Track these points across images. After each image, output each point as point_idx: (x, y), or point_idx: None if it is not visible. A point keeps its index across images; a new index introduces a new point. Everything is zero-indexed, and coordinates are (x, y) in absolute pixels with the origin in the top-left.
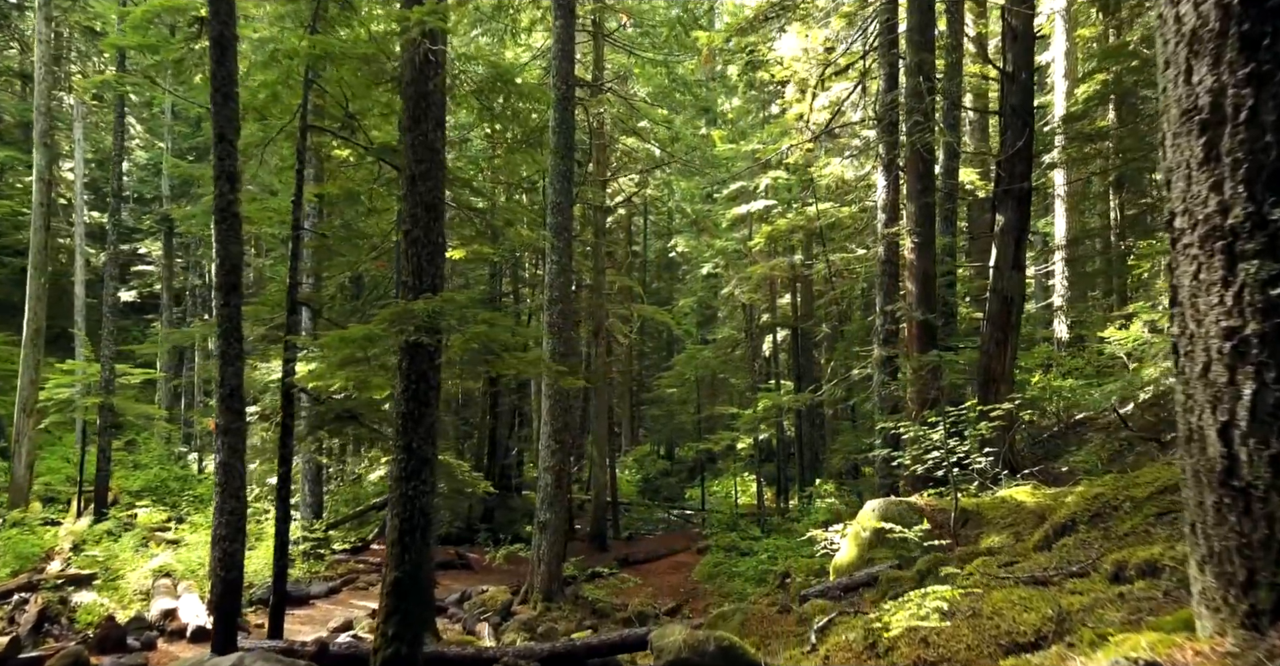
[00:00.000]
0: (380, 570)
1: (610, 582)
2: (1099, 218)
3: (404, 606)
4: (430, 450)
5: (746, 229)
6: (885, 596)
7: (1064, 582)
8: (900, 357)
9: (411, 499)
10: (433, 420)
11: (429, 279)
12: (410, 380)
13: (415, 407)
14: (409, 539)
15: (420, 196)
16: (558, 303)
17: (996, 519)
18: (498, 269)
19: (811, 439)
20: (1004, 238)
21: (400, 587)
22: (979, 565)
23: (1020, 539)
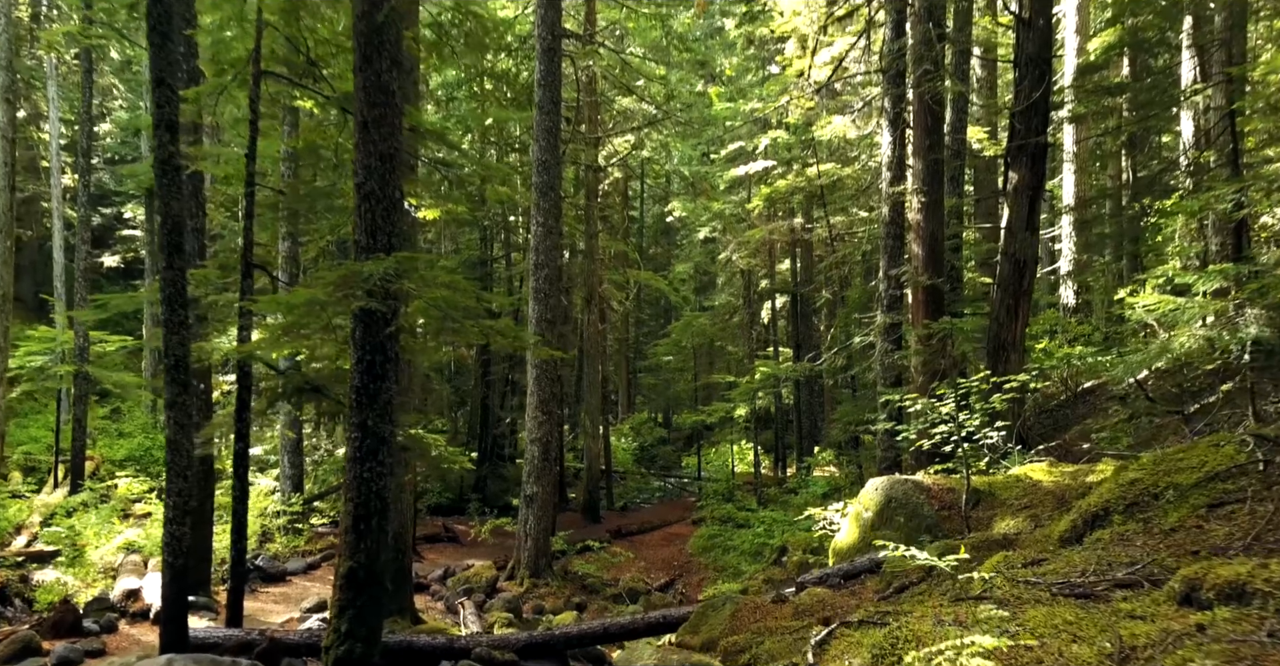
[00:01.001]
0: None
1: (601, 557)
2: (1109, 179)
3: (359, 600)
4: (387, 428)
5: (745, 191)
6: (890, 587)
7: (1113, 596)
8: (905, 325)
9: (367, 482)
10: (390, 395)
11: (384, 238)
12: (365, 351)
13: (370, 381)
14: (364, 526)
15: (374, 145)
16: (544, 267)
17: (1010, 500)
18: (488, 233)
19: (810, 407)
20: (1017, 196)
21: (354, 579)
22: (1000, 563)
23: (1039, 523)
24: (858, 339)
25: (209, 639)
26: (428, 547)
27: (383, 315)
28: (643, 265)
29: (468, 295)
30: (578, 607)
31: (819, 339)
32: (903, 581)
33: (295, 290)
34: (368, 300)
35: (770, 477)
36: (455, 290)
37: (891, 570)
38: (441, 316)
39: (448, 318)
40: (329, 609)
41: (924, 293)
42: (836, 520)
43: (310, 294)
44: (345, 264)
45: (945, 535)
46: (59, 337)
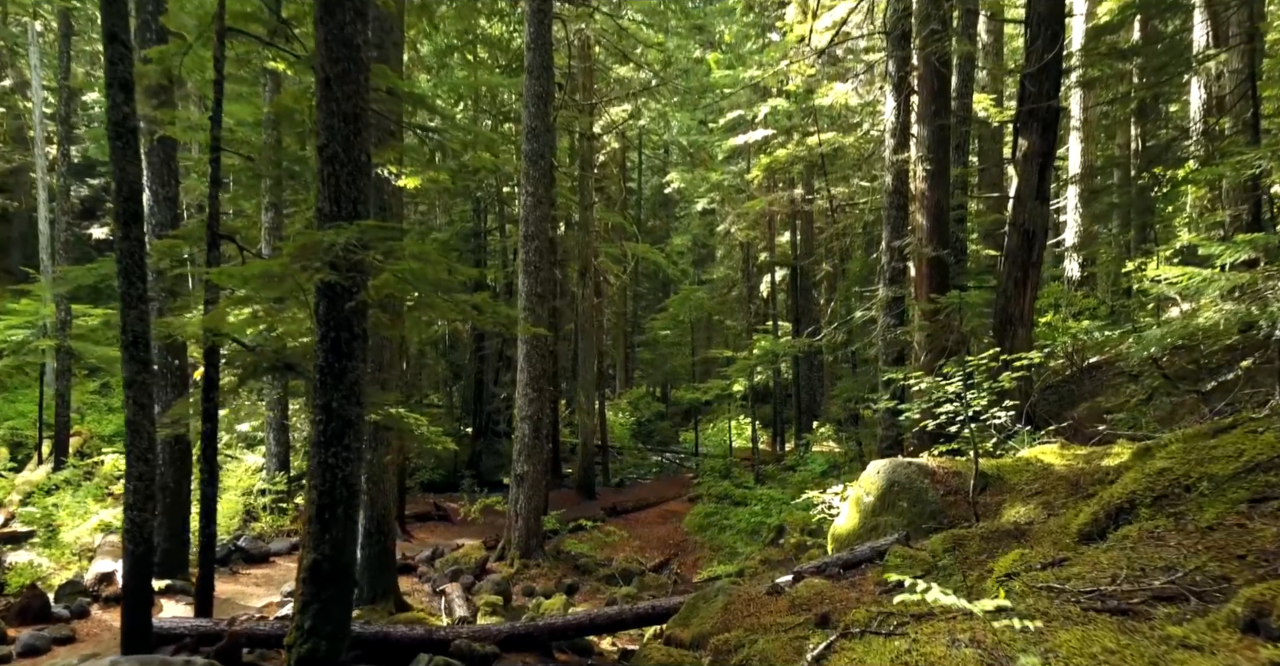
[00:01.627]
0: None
1: (594, 536)
2: (1117, 148)
3: (324, 594)
4: (355, 411)
5: (744, 161)
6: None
7: (1155, 612)
8: (908, 299)
9: (332, 468)
10: (358, 375)
11: (349, 205)
12: (329, 327)
13: (335, 360)
14: (329, 515)
15: (337, 104)
16: (534, 239)
17: (1021, 485)
18: (481, 204)
19: (810, 381)
20: (1027, 164)
21: (319, 573)
22: (1016, 563)
23: (1052, 511)
24: (859, 313)
25: (175, 629)
26: (418, 526)
27: (346, 289)
28: (640, 238)
29: (439, 267)
30: (569, 589)
31: (819, 313)
32: (906, 573)
33: (251, 262)
34: (329, 273)
35: (768, 453)
36: (426, 262)
37: (895, 560)
38: (412, 291)
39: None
40: (293, 603)
41: (928, 265)
42: (836, 504)
43: (265, 266)
44: (305, 233)
45: (950, 522)
46: (40, 311)
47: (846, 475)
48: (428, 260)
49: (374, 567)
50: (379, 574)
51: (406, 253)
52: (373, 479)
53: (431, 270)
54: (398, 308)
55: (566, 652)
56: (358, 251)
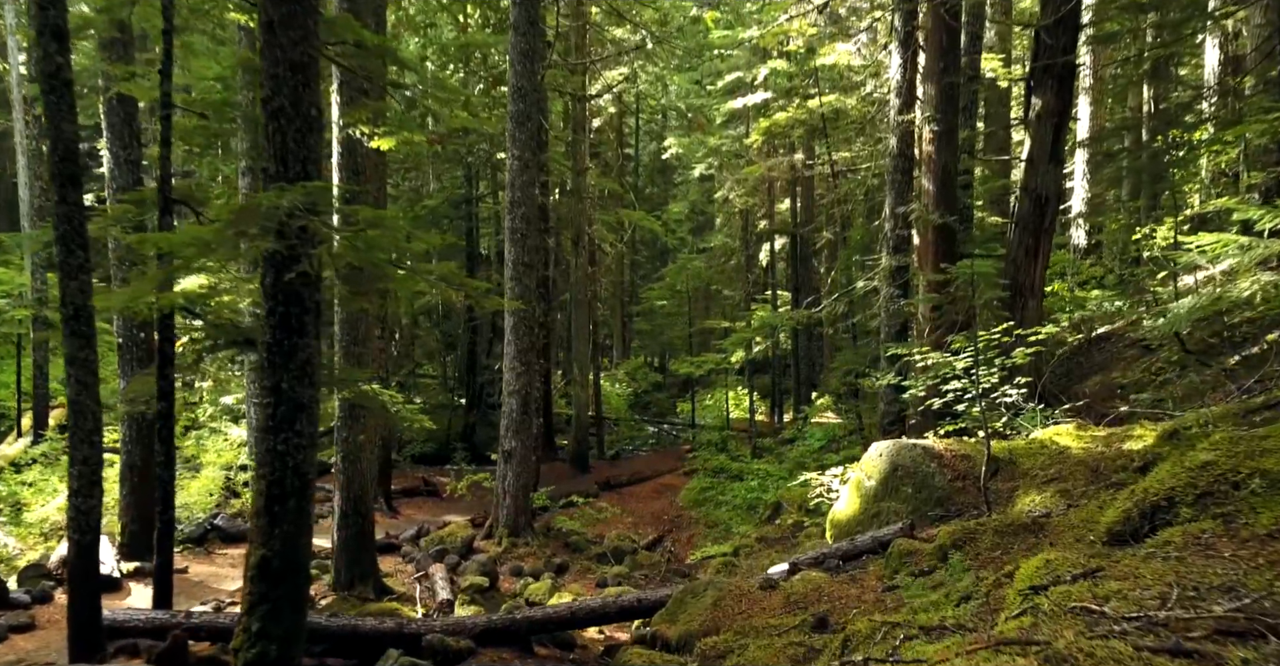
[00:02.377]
0: (331, 500)
1: (585, 512)
2: (1129, 111)
3: (274, 594)
4: (307, 392)
5: (743, 126)
6: (896, 576)
7: (1226, 657)
8: (913, 269)
9: (282, 456)
10: (310, 353)
11: (298, 165)
12: (277, 301)
13: (284, 337)
14: (279, 508)
15: (282, 51)
16: (521, 205)
17: (1035, 470)
18: (472, 170)
19: (809, 351)
20: (1040, 124)
21: (268, 570)
22: (1041, 572)
23: (1071, 501)
24: (860, 284)
25: (128, 622)
26: (405, 502)
27: (294, 258)
28: (637, 205)
29: (395, 234)
30: (559, 569)
31: (819, 282)
32: (911, 569)
33: (183, 228)
34: (272, 240)
35: (766, 424)
36: (382, 228)
37: (899, 553)
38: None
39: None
40: (240, 603)
41: (934, 232)
42: (835, 486)
43: (195, 233)
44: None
45: (958, 509)
46: (15, 280)
47: (846, 449)
48: (382, 226)
49: (351, 550)
50: (357, 556)
51: (362, 217)
52: (348, 458)
53: (386, 238)
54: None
55: (547, 646)
56: (303, 217)
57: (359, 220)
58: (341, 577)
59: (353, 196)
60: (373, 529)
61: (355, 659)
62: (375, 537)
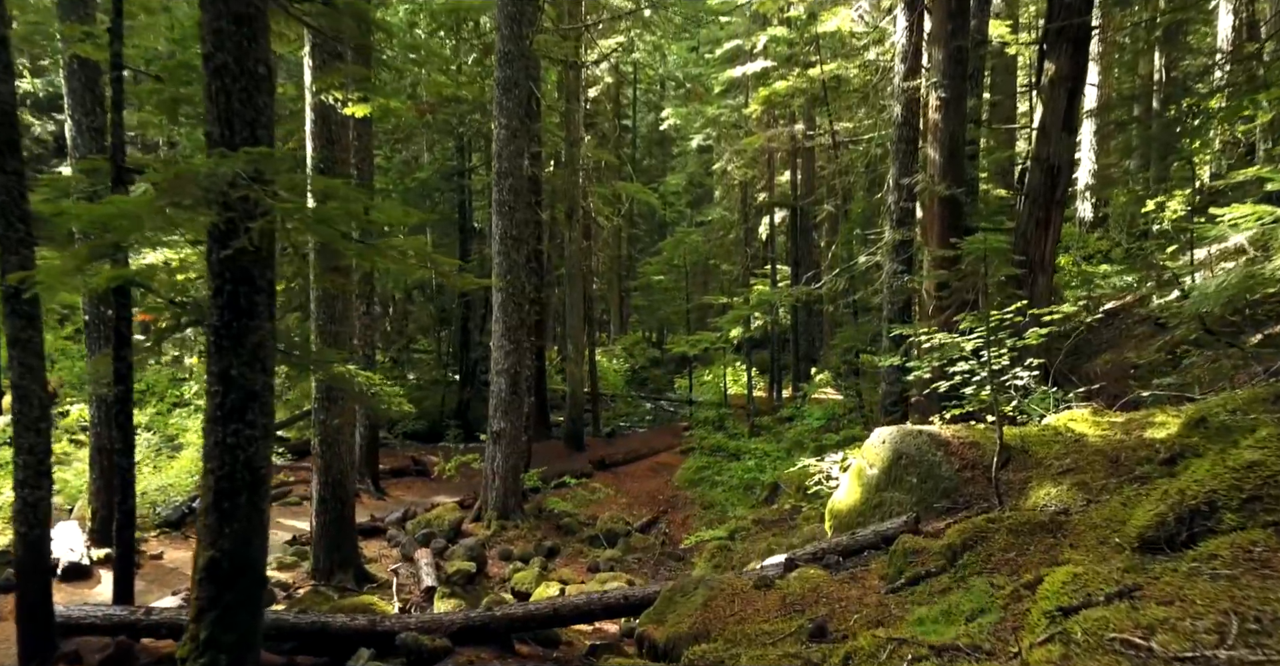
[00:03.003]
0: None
1: (578, 493)
2: (1139, 79)
3: (225, 598)
4: (260, 378)
5: (742, 95)
6: (901, 575)
7: None
8: (917, 243)
9: (232, 449)
10: (263, 336)
11: (245, 128)
12: (225, 279)
13: (233, 318)
14: (229, 504)
15: (224, 3)
16: (508, 176)
17: (1049, 459)
18: (464, 141)
19: (808, 327)
20: (1053, 90)
21: (218, 573)
22: (1069, 586)
23: (1091, 496)
24: (862, 258)
25: (84, 619)
26: (394, 483)
27: (248, 233)
28: (635, 177)
29: (352, 206)
30: (549, 552)
31: (819, 256)
32: (917, 570)
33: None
34: (213, 212)
35: (764, 401)
36: (339, 199)
37: (903, 551)
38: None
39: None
40: (188, 609)
41: (940, 205)
42: (835, 474)
43: (122, 205)
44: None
45: (966, 501)
46: None
47: (846, 428)
48: (336, 196)
49: (330, 536)
50: (337, 543)
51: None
52: (327, 440)
53: (341, 210)
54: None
55: (529, 644)
56: (246, 186)
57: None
58: (321, 565)
59: (328, 167)
60: (353, 514)
61: (326, 656)
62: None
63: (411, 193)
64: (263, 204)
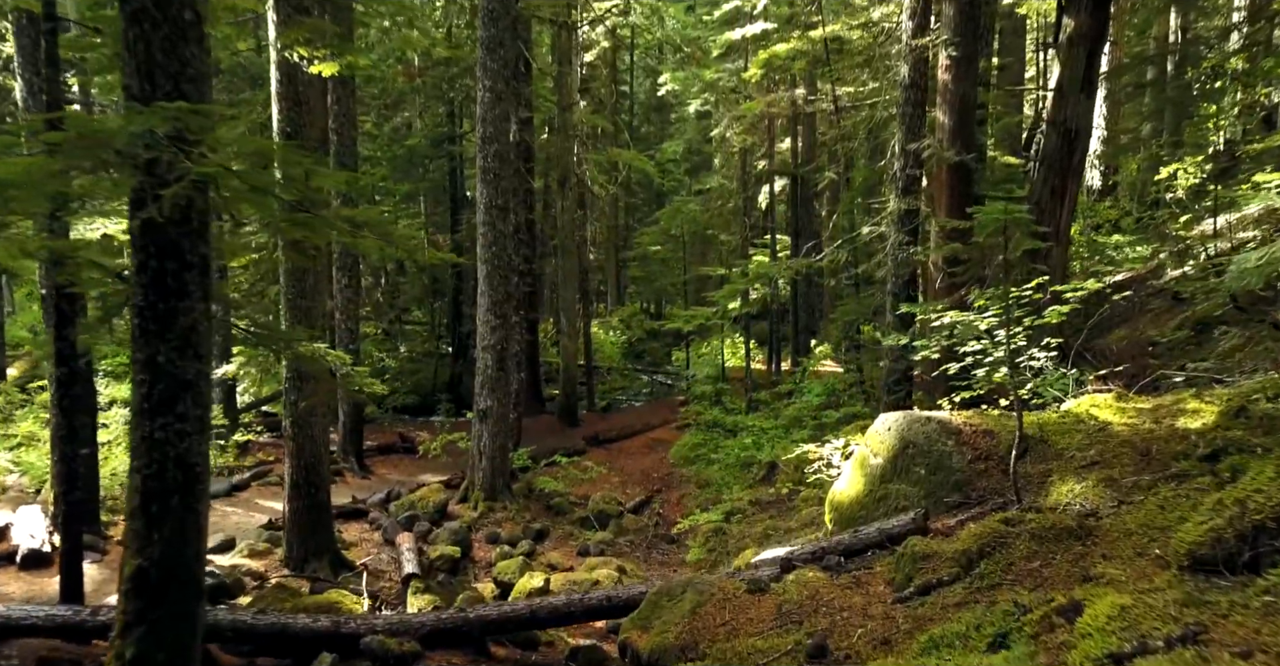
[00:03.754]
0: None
1: (569, 472)
2: (1153, 41)
3: (154, 613)
4: (193, 366)
5: (741, 59)
6: (910, 583)
7: None
8: (925, 213)
9: (162, 445)
10: (195, 318)
11: (168, 81)
12: (149, 254)
13: (159, 299)
14: (158, 507)
15: None
16: (493, 142)
17: (1070, 450)
18: (454, 107)
19: (808, 298)
20: (1072, 49)
21: (146, 584)
22: (1115, 625)
23: (1122, 495)
24: (866, 229)
25: (25, 620)
26: (380, 460)
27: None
28: (632, 144)
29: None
30: (538, 535)
31: (819, 226)
32: (928, 578)
33: None
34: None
35: (763, 373)
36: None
37: (912, 555)
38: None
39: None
40: (114, 625)
41: (949, 172)
42: (836, 462)
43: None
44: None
45: (980, 496)
46: None
47: (846, 405)
48: (270, 158)
49: (304, 523)
50: (311, 529)
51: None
52: (299, 422)
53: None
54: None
55: (506, 646)
56: (161, 147)
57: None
58: (294, 553)
59: (295, 130)
60: (328, 499)
61: (289, 657)
62: (338, 504)
63: (400, 160)
64: (177, 167)
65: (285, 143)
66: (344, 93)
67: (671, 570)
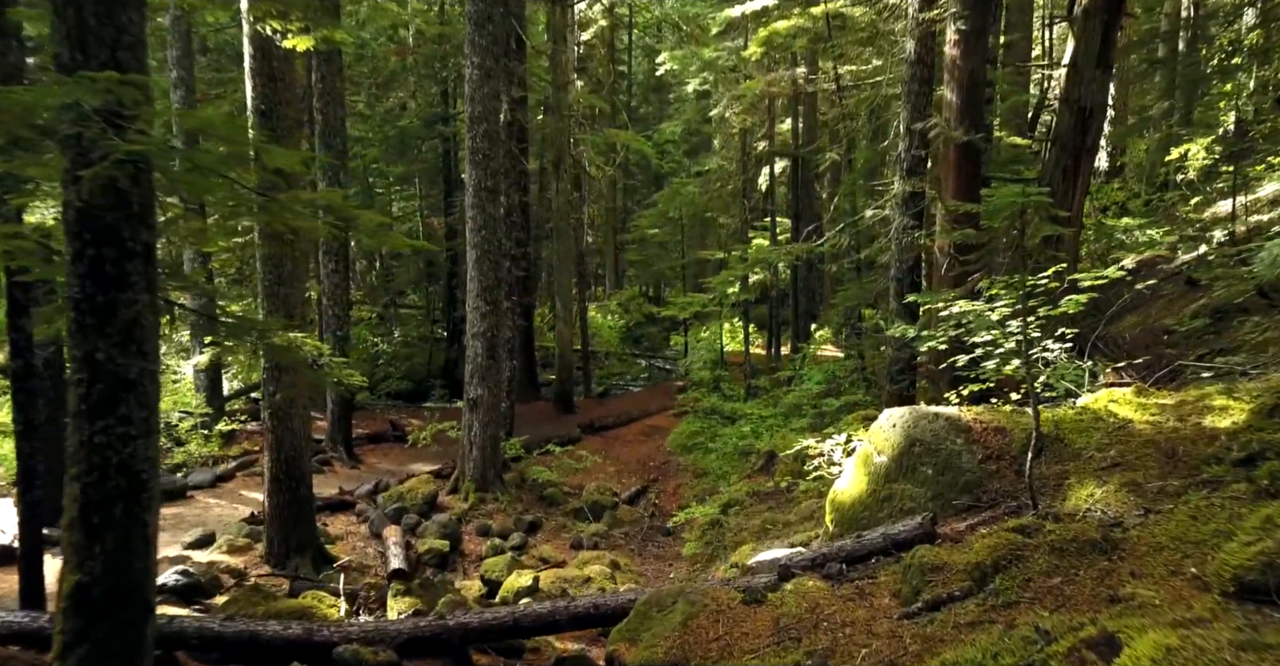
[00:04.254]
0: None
1: (563, 461)
2: (1164, 18)
3: (96, 632)
4: (136, 363)
5: (741, 37)
6: (918, 596)
7: None
8: (930, 195)
9: (103, 449)
10: (138, 311)
11: (103, 50)
12: (86, 242)
13: (97, 290)
14: (99, 518)
15: None
16: (482, 121)
17: (1089, 450)
18: (448, 87)
19: (809, 281)
20: (1088, 22)
21: (87, 601)
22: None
23: (1148, 502)
24: (869, 212)
25: None
26: (370, 449)
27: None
28: (631, 125)
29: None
30: (530, 527)
31: (820, 208)
32: (937, 592)
33: None
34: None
35: (762, 358)
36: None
37: (920, 567)
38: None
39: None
40: (52, 646)
41: (956, 152)
42: (837, 458)
43: None
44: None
45: (992, 499)
46: None
47: (847, 393)
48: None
49: (285, 518)
50: (293, 525)
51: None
52: (278, 415)
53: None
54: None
55: (488, 653)
56: (86, 123)
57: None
58: (275, 549)
59: (270, 109)
60: (310, 493)
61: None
62: (325, 495)
63: (393, 142)
64: (101, 145)
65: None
66: (329, 70)
67: (667, 564)
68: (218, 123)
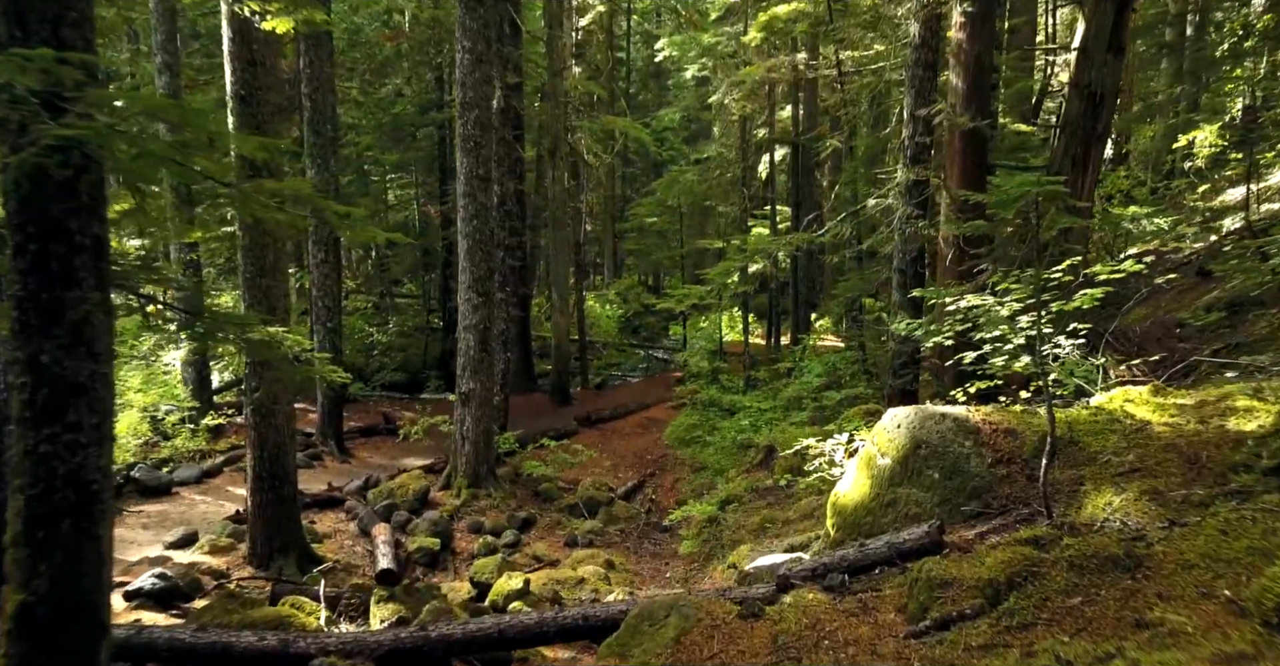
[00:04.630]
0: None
1: (558, 456)
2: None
3: (43, 657)
4: (86, 366)
5: (740, 22)
6: (926, 614)
7: None
8: (935, 184)
9: (49, 459)
10: (85, 311)
11: (44, 27)
12: (29, 236)
13: (42, 288)
14: (46, 533)
15: None
16: (473, 107)
17: (1105, 454)
18: (443, 72)
19: (809, 271)
20: (1100, 3)
21: (33, 622)
22: None
23: (1172, 514)
24: (872, 201)
25: None
26: (361, 443)
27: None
28: (629, 112)
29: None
30: (523, 524)
31: (821, 196)
32: (946, 609)
33: None
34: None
35: (761, 348)
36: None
37: (927, 583)
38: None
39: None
40: None
41: (962, 138)
42: (839, 458)
43: None
44: None
45: (1003, 506)
46: None
47: (848, 386)
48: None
49: (268, 518)
50: (277, 525)
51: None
52: (260, 412)
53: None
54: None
55: (473, 665)
56: (23, 105)
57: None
58: (258, 549)
59: (250, 93)
60: (295, 492)
61: None
62: (313, 492)
63: (387, 129)
64: (33, 129)
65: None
66: (318, 55)
67: (663, 563)
68: (165, 107)
